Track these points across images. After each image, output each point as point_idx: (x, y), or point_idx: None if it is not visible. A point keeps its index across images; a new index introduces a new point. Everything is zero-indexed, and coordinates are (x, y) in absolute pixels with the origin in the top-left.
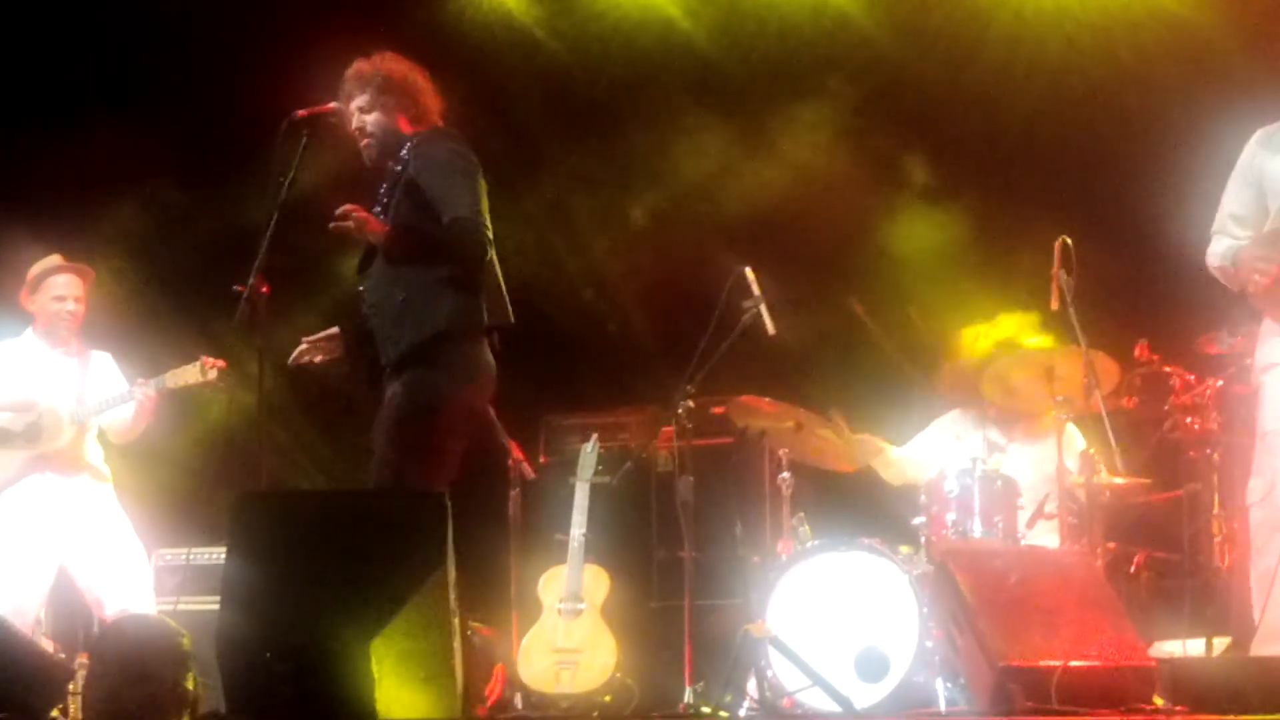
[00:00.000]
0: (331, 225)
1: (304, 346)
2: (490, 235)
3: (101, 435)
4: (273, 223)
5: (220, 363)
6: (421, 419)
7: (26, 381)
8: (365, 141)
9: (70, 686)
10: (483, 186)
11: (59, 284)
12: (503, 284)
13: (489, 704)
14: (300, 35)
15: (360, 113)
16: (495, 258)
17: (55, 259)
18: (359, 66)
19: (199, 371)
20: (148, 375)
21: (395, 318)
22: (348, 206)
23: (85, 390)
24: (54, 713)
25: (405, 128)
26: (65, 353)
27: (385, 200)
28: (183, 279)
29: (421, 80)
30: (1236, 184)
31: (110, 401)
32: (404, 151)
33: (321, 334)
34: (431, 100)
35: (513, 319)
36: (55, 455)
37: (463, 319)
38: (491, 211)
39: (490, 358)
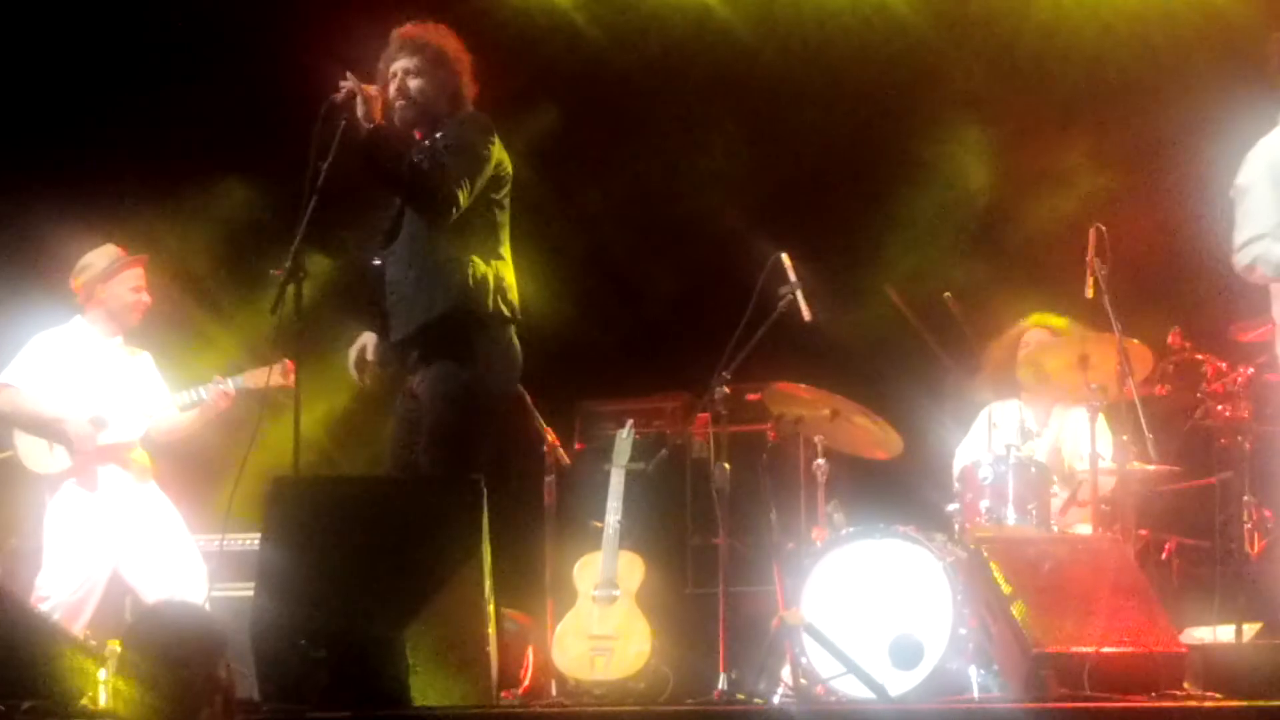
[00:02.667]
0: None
1: (355, 374)
2: (460, 206)
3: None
4: (310, 206)
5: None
6: (457, 413)
7: (82, 373)
8: (402, 103)
9: (100, 674)
10: (502, 170)
11: (135, 275)
12: (513, 284)
13: (523, 690)
14: (339, 18)
15: (406, 74)
16: (508, 257)
17: (116, 249)
18: (417, 31)
19: (279, 375)
20: (178, 366)
21: (409, 297)
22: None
23: (136, 385)
24: (83, 700)
25: (444, 104)
26: (115, 345)
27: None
28: (215, 264)
29: (469, 63)
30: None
31: (177, 402)
32: (438, 129)
33: (355, 349)
34: (472, 85)
35: (518, 316)
36: (113, 449)
37: (471, 299)
38: (523, 198)
39: (516, 344)
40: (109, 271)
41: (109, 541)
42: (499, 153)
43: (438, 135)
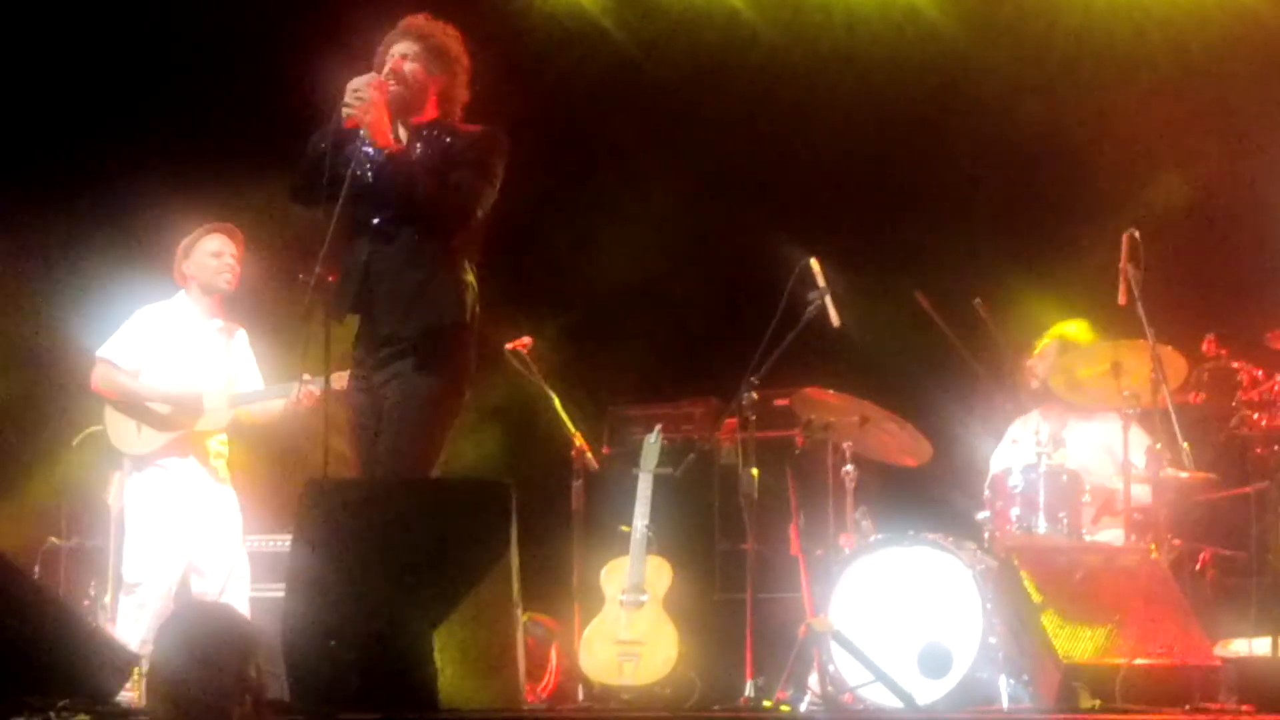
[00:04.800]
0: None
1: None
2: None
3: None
4: (338, 209)
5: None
6: (437, 417)
7: (180, 352)
8: (393, 83)
9: (136, 671)
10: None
11: (214, 242)
12: None
13: (548, 692)
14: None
15: (404, 58)
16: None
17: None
18: (424, 22)
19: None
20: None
21: (409, 296)
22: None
23: (231, 370)
24: (117, 699)
25: (433, 100)
26: (215, 326)
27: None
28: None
29: (468, 68)
30: None
31: (268, 393)
32: (448, 135)
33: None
34: (465, 91)
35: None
36: (197, 439)
37: (468, 310)
38: (554, 202)
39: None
40: (189, 245)
41: (186, 534)
42: None
43: (450, 141)
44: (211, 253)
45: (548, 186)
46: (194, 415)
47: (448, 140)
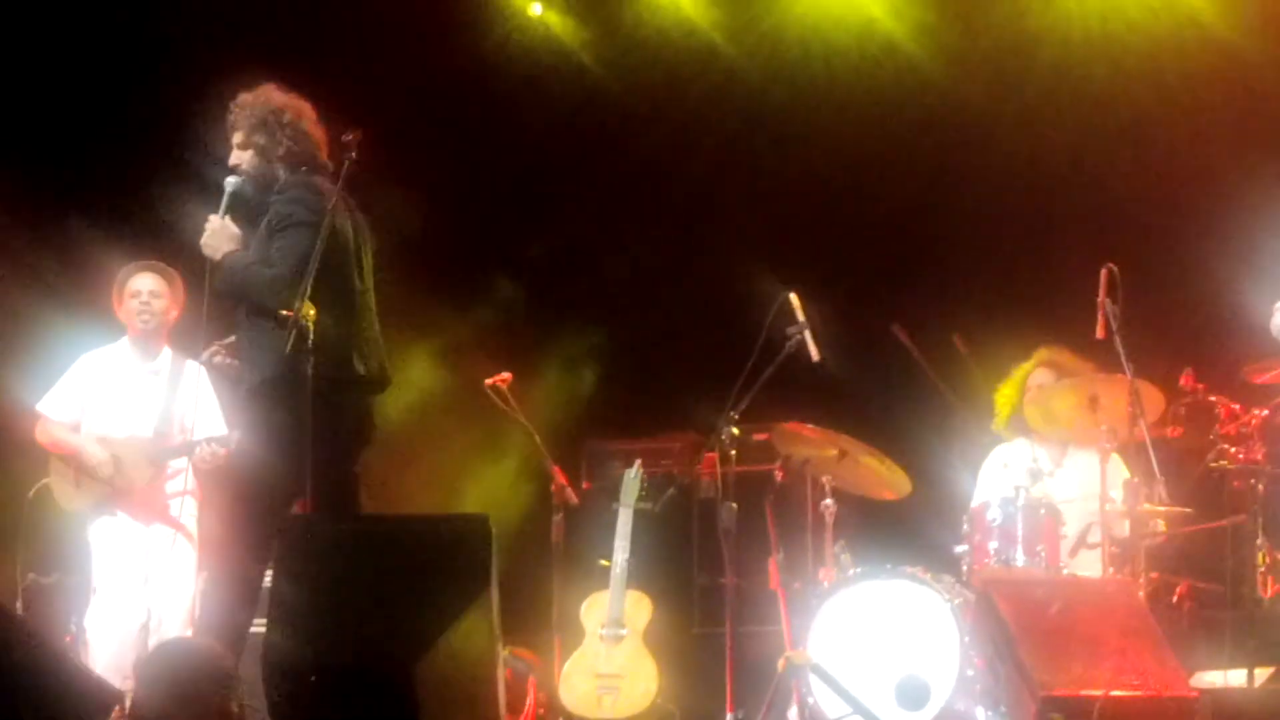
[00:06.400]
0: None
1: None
2: (304, 290)
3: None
4: (319, 246)
5: None
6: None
7: (114, 399)
8: (234, 180)
9: (117, 709)
10: (341, 236)
11: (137, 281)
12: (379, 340)
13: None
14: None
15: (238, 148)
16: (374, 310)
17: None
18: (242, 98)
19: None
20: None
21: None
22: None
23: (172, 415)
24: None
25: (277, 166)
26: (153, 369)
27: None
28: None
29: (298, 115)
30: None
31: (183, 449)
32: (272, 195)
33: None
34: (310, 133)
35: (388, 379)
36: (131, 495)
37: (289, 369)
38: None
39: (362, 409)
40: (118, 284)
41: (137, 585)
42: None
43: (272, 205)
44: (131, 293)
45: (524, 220)
46: (122, 469)
47: (269, 213)
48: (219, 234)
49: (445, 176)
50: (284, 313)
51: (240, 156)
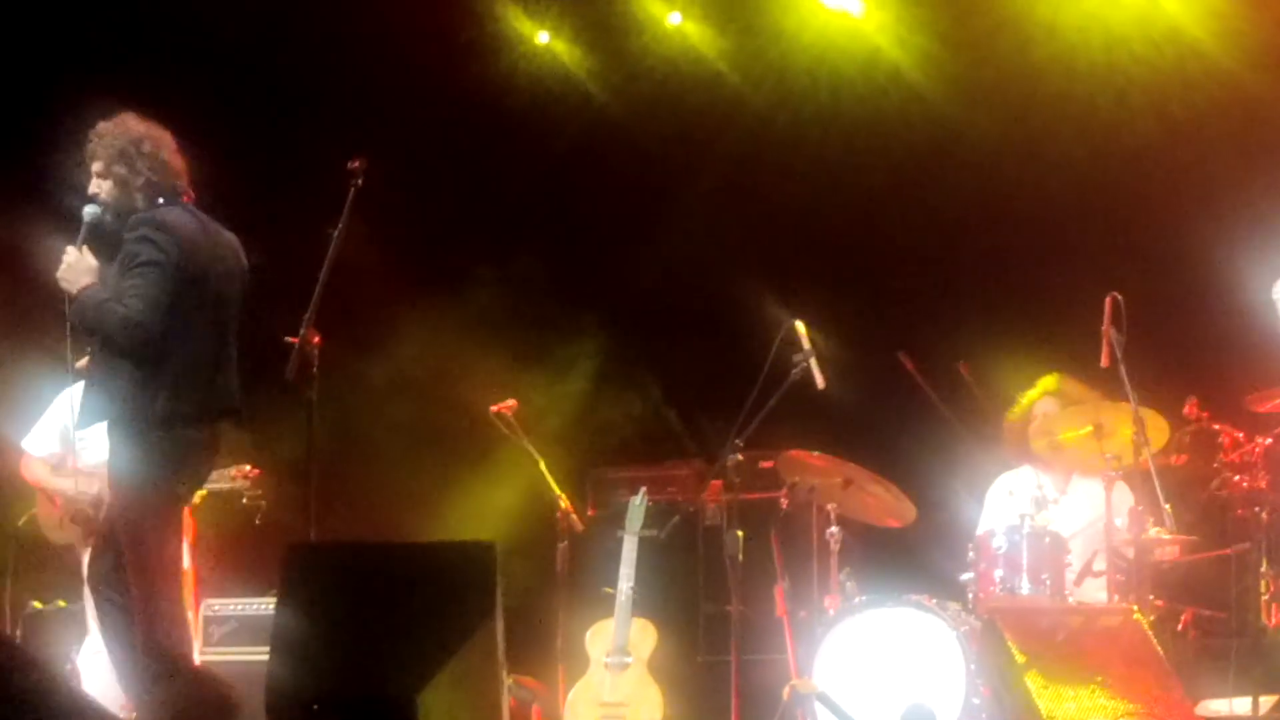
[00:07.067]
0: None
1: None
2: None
3: None
4: (325, 272)
5: (254, 471)
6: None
7: (94, 434)
8: (93, 210)
9: None
10: (192, 268)
11: None
12: (234, 369)
13: None
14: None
15: (97, 177)
16: (232, 339)
17: None
18: (101, 126)
19: (227, 479)
20: None
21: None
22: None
23: None
24: None
25: (137, 197)
26: None
27: None
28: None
29: (158, 145)
30: None
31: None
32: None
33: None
34: (167, 168)
35: (237, 407)
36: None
37: (139, 408)
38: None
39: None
40: None
41: None
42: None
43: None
44: None
45: (530, 248)
46: (98, 512)
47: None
48: (75, 267)
49: (450, 200)
50: (288, 339)
51: (99, 186)
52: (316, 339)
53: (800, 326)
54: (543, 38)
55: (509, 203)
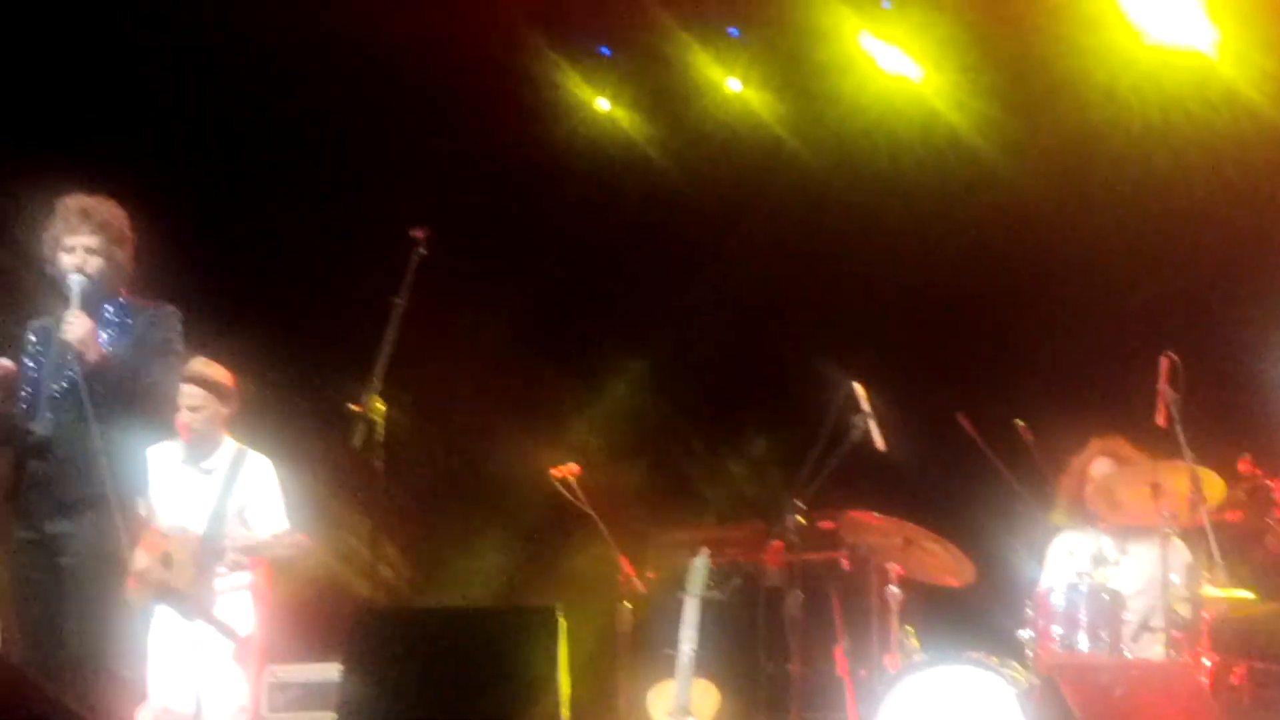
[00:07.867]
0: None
1: None
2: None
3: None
4: (388, 341)
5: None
6: None
7: (164, 497)
8: (82, 279)
9: None
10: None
11: (180, 396)
12: None
13: None
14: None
15: (88, 252)
16: None
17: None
18: (94, 205)
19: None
20: None
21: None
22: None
23: (225, 512)
24: None
25: (122, 285)
26: (207, 468)
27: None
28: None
29: (134, 240)
30: None
31: (220, 557)
32: (128, 314)
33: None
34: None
35: None
36: (178, 594)
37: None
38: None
39: None
40: None
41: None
42: None
43: (133, 322)
44: (182, 401)
45: (592, 311)
46: (172, 567)
47: (133, 323)
48: (90, 329)
49: (510, 268)
50: (353, 407)
51: (91, 263)
52: (381, 406)
53: (859, 388)
54: (603, 104)
55: (568, 267)
